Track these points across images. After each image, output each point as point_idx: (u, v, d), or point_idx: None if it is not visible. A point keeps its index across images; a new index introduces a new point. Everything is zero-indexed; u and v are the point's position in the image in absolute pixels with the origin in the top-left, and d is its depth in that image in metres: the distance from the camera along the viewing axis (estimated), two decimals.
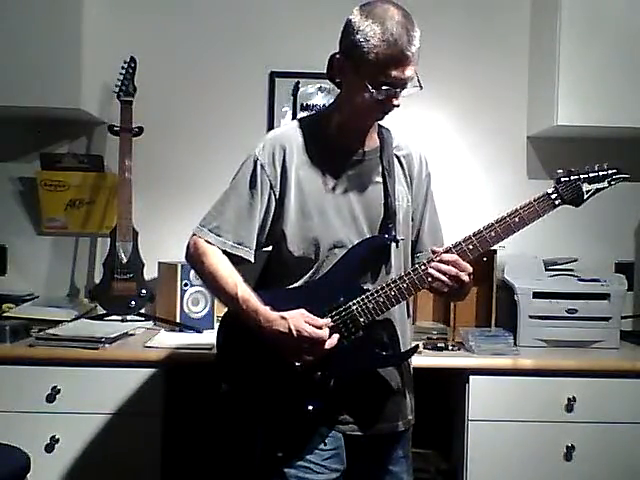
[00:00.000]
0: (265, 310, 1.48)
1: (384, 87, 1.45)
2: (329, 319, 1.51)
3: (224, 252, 1.55)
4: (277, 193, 1.56)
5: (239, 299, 1.49)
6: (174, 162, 2.72)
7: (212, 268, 1.54)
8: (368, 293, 1.53)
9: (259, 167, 1.56)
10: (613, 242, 2.76)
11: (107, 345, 2.14)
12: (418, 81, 1.49)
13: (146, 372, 2.08)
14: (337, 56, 1.51)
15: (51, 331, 2.18)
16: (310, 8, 2.66)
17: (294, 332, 1.45)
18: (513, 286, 2.41)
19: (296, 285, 1.57)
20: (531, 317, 2.38)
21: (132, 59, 2.51)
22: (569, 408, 2.13)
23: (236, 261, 1.56)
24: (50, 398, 2.07)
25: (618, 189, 2.71)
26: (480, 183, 2.74)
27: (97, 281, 2.63)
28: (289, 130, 1.62)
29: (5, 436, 1.94)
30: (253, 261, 1.58)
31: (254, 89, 2.72)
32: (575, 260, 2.54)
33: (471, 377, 2.14)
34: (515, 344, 2.30)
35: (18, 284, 2.66)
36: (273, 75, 2.71)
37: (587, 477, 2.14)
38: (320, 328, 1.47)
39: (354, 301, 1.52)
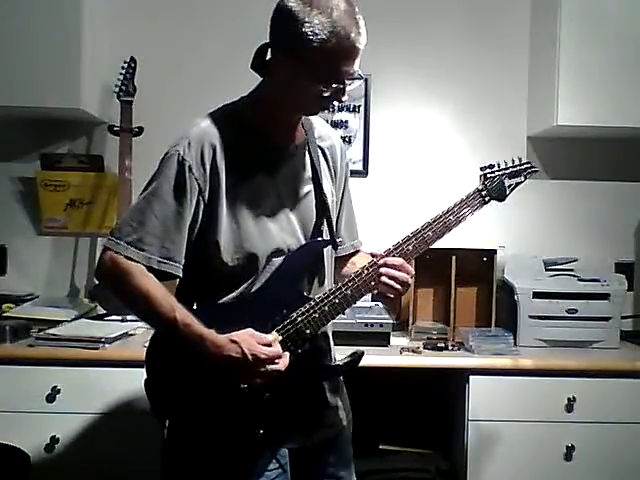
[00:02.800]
0: (211, 334, 1.32)
1: (334, 84, 1.33)
2: (276, 334, 1.39)
3: (148, 268, 1.34)
4: (206, 198, 1.37)
5: (179, 324, 1.31)
6: None
7: (141, 290, 1.32)
8: (313, 302, 1.41)
9: (186, 169, 1.35)
10: (613, 242, 2.76)
11: (107, 345, 2.14)
12: (359, 72, 1.36)
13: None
14: (275, 49, 1.36)
15: (51, 331, 2.18)
16: None
17: (249, 356, 1.31)
18: (513, 286, 2.40)
19: (232, 298, 1.41)
20: (531, 317, 2.38)
21: (132, 59, 2.51)
22: (569, 408, 2.13)
23: (161, 277, 1.36)
24: (50, 398, 2.07)
25: (618, 190, 2.75)
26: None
27: (97, 281, 2.63)
28: (215, 124, 1.41)
29: (5, 436, 1.94)
30: (181, 276, 1.39)
31: None
32: (575, 260, 2.54)
33: (471, 377, 2.14)
34: (515, 344, 2.30)
35: (18, 284, 2.66)
36: None
37: (587, 477, 2.14)
38: (270, 345, 1.35)
39: (298, 312, 1.41)
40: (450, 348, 2.27)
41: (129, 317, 2.48)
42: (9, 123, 2.67)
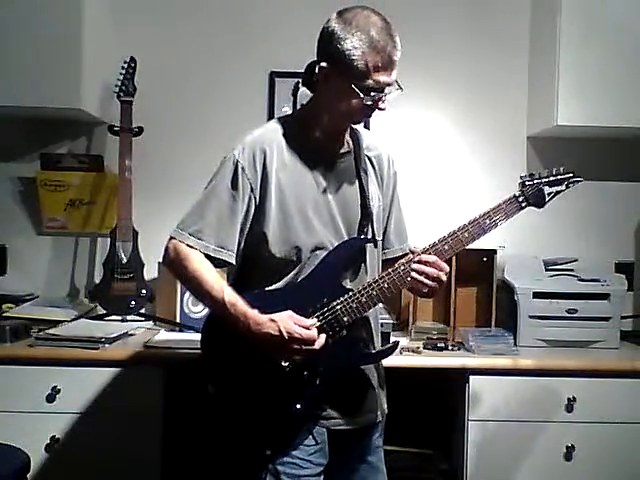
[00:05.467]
0: (254, 313, 1.49)
1: (372, 93, 1.50)
2: (315, 319, 1.53)
3: (206, 256, 1.55)
4: (257, 196, 1.56)
5: (226, 303, 1.50)
6: (174, 162, 2.72)
7: (196, 273, 1.54)
8: (351, 293, 1.56)
9: (240, 169, 1.56)
10: (613, 242, 2.76)
11: (107, 345, 2.14)
12: (397, 84, 1.55)
13: (146, 372, 2.09)
14: (322, 64, 1.53)
15: (51, 331, 2.18)
16: (310, 8, 2.65)
17: (285, 334, 1.47)
18: (513, 286, 2.40)
19: (278, 286, 1.58)
20: (531, 317, 2.38)
21: (132, 59, 2.51)
22: (569, 408, 2.13)
23: (217, 264, 1.57)
24: (50, 398, 2.07)
25: (618, 190, 2.75)
26: (480, 183, 2.74)
27: (97, 281, 2.63)
28: (268, 132, 1.62)
29: (5, 436, 1.94)
30: (234, 264, 1.59)
31: (254, 89, 2.72)
32: (575, 260, 2.54)
33: (471, 377, 2.14)
34: (515, 344, 2.30)
35: (18, 284, 2.66)
36: (273, 75, 2.71)
37: (587, 477, 2.14)
38: (308, 329, 1.50)
39: (338, 301, 1.55)
40: (450, 348, 2.27)
41: (129, 317, 2.49)
42: (9, 123, 2.67)
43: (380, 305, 2.35)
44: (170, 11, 2.72)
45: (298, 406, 1.54)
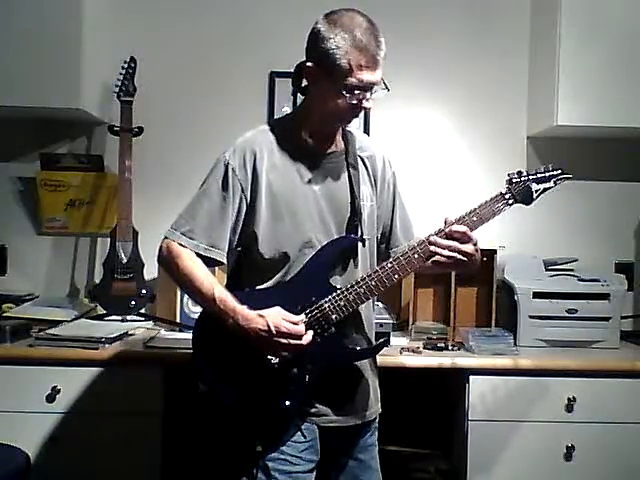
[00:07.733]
0: (242, 309, 1.53)
1: (357, 91, 1.52)
2: (303, 315, 1.56)
3: (197, 254, 1.60)
4: (248, 196, 1.61)
5: (216, 300, 1.54)
6: (174, 162, 2.72)
7: (187, 270, 1.58)
8: (339, 291, 1.57)
9: (230, 171, 1.60)
10: (613, 242, 2.76)
11: (107, 345, 2.14)
12: (384, 84, 1.56)
13: (146, 372, 2.08)
14: (308, 64, 1.55)
15: (51, 331, 2.18)
16: (310, 9, 2.64)
17: (272, 329, 1.49)
18: (513, 286, 2.40)
19: (268, 285, 1.62)
20: (531, 317, 2.38)
21: (132, 59, 2.51)
22: (569, 408, 2.13)
23: (208, 263, 1.61)
24: (50, 398, 2.07)
25: (618, 190, 2.75)
26: (480, 183, 2.74)
27: (97, 281, 2.63)
28: (259, 134, 1.65)
29: (5, 436, 1.94)
30: (225, 263, 1.64)
31: (254, 89, 2.72)
32: (575, 260, 2.54)
33: (471, 377, 2.14)
34: (515, 344, 2.30)
35: (18, 284, 2.67)
36: (273, 75, 2.71)
37: (587, 477, 2.14)
38: (296, 324, 1.52)
39: (326, 299, 1.57)
40: (450, 348, 2.27)
41: (129, 317, 2.49)
42: (9, 123, 2.67)
43: (380, 305, 2.39)
44: (170, 11, 2.72)
45: (287, 403, 1.56)
